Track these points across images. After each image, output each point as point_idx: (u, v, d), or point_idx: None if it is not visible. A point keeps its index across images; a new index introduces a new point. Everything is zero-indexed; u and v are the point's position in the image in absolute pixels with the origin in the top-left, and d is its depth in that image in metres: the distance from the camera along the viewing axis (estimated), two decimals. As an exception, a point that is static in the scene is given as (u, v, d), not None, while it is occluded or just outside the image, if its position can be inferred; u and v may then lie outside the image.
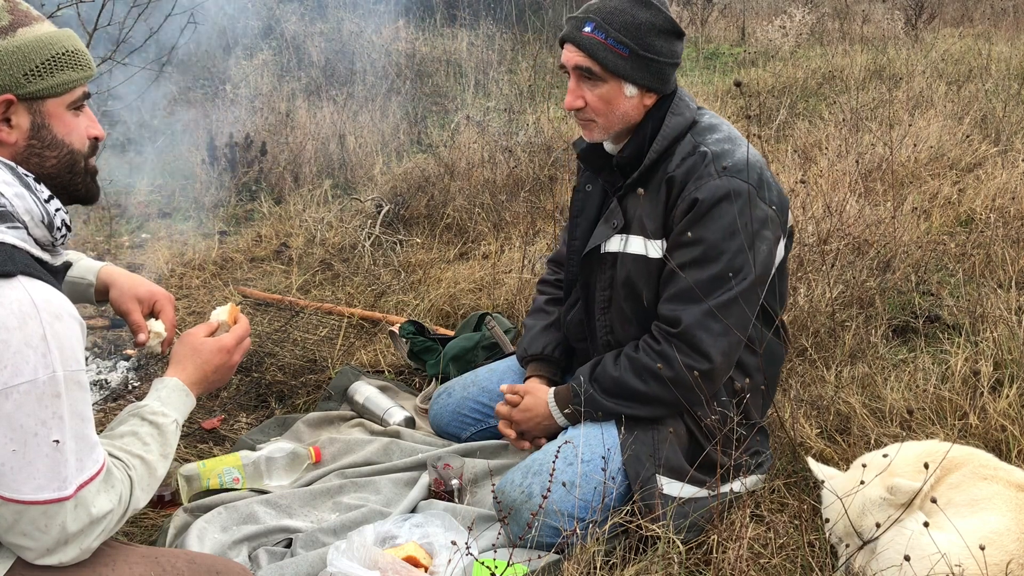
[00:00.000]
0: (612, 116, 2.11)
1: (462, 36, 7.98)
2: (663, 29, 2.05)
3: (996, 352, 2.70)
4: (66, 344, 1.34)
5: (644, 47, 2.04)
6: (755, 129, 5.56)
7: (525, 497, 2.02)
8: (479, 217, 4.31)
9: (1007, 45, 7.84)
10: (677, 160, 2.09)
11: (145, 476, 1.54)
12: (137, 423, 1.60)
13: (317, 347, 3.19)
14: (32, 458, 1.32)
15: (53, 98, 1.47)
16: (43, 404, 1.32)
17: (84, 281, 1.91)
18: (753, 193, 2.03)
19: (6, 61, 1.41)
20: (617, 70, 2.04)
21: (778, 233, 2.11)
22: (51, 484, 1.35)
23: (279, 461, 2.38)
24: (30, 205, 1.42)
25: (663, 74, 2.08)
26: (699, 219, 2.02)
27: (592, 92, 2.09)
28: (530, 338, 2.47)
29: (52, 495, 1.35)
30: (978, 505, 1.83)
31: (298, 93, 6.24)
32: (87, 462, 1.40)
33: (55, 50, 1.45)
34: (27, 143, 1.46)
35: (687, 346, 2.04)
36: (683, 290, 2.05)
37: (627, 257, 2.15)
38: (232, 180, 4.99)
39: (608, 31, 2.03)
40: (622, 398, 2.11)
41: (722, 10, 10.50)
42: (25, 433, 1.31)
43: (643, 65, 2.05)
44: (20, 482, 1.33)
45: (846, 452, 2.36)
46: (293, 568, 1.96)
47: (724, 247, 2.01)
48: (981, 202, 4.12)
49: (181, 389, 1.71)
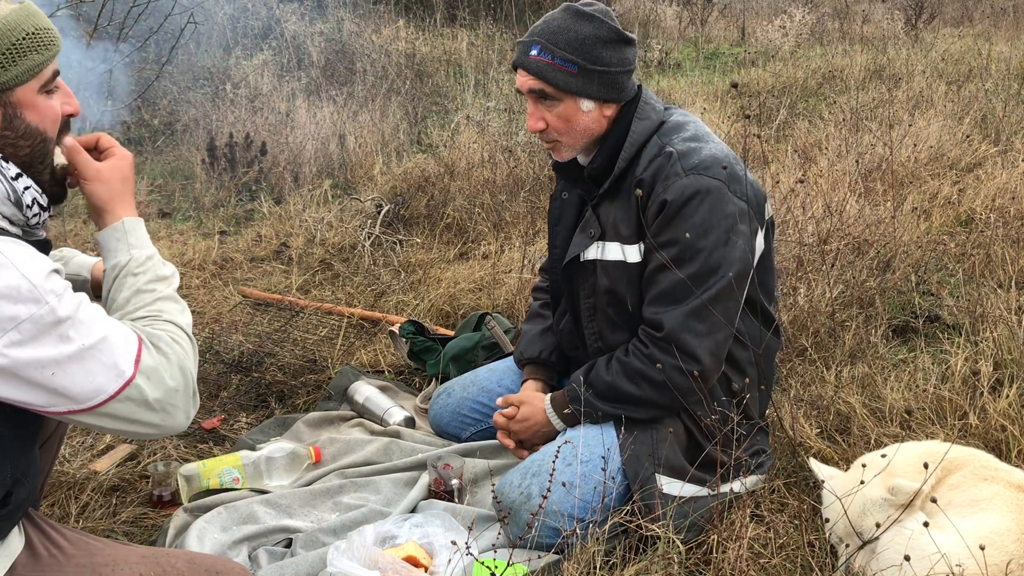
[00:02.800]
0: (574, 133, 2.11)
1: (462, 36, 7.98)
2: (608, 39, 2.05)
3: (996, 352, 2.70)
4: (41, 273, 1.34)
5: (592, 60, 2.03)
6: (755, 129, 5.56)
7: (524, 498, 2.02)
8: (479, 217, 4.31)
9: (1007, 45, 7.84)
10: (644, 163, 2.09)
11: (178, 312, 1.55)
12: (131, 281, 1.55)
13: (317, 347, 3.19)
14: (81, 368, 1.36)
15: (21, 86, 1.40)
16: (54, 329, 1.34)
17: (79, 278, 1.91)
18: (723, 188, 2.02)
19: None
20: (569, 88, 2.05)
21: (754, 226, 2.10)
22: (109, 377, 1.39)
23: (279, 461, 2.38)
24: None
25: (616, 83, 2.08)
26: (670, 220, 2.02)
27: (550, 112, 2.09)
28: (527, 342, 2.48)
29: (117, 384, 1.39)
30: (978, 505, 1.83)
31: (298, 93, 6.24)
32: (125, 343, 1.42)
33: (15, 36, 1.38)
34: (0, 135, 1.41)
35: (673, 348, 2.03)
36: (663, 292, 2.05)
37: (606, 264, 2.15)
38: (232, 180, 4.99)
39: (554, 51, 2.03)
40: (617, 401, 2.12)
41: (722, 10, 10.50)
42: (59, 357, 1.34)
43: (594, 78, 2.05)
44: (89, 393, 1.38)
45: (846, 452, 2.36)
46: (293, 568, 1.96)
47: (699, 245, 2.00)
48: (981, 202, 4.12)
49: (135, 223, 1.60)
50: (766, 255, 2.19)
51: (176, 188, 5.09)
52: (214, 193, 4.92)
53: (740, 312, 2.11)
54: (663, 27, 9.83)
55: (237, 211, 4.77)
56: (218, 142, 5.12)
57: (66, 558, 1.55)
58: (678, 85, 7.07)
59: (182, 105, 6.05)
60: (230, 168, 5.02)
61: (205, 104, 5.95)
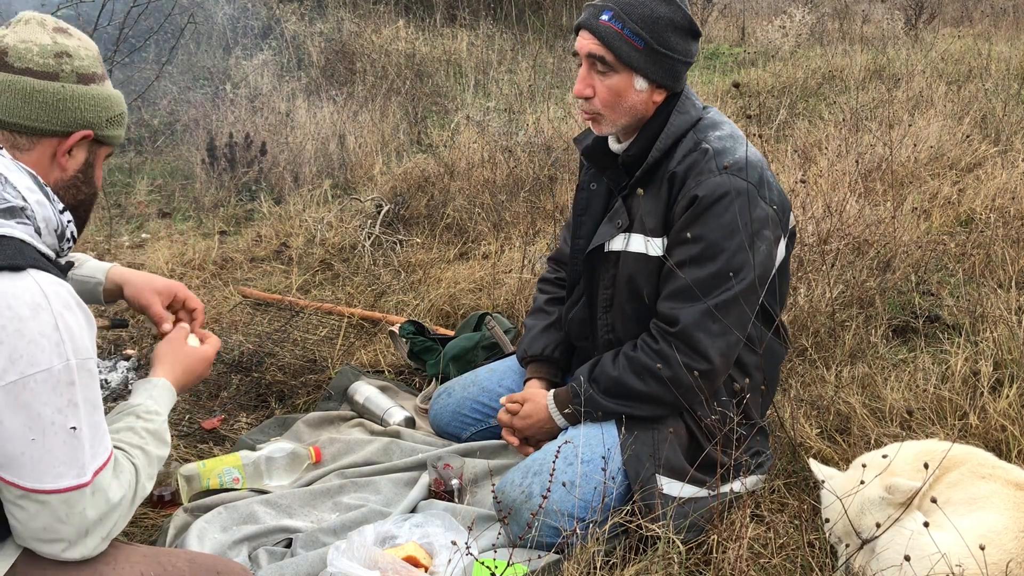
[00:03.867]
0: (620, 109, 2.09)
1: (462, 36, 7.98)
2: (680, 26, 2.04)
3: (996, 352, 2.70)
4: (76, 333, 1.39)
5: (660, 42, 2.03)
6: (755, 129, 5.55)
7: (525, 497, 2.02)
8: (479, 217, 4.31)
9: (1007, 45, 7.84)
10: (679, 156, 2.08)
11: (146, 465, 1.59)
12: (132, 420, 1.65)
13: (317, 347, 3.19)
14: (51, 446, 1.37)
15: (106, 147, 1.65)
16: (58, 392, 1.36)
17: (93, 279, 1.95)
18: (754, 192, 2.02)
19: (99, 104, 1.58)
20: (630, 61, 2.03)
21: (778, 233, 2.10)
22: (70, 471, 1.39)
23: (279, 461, 2.38)
24: (48, 214, 1.50)
25: (675, 71, 2.07)
26: (698, 216, 2.01)
27: (603, 82, 2.07)
28: (530, 339, 2.47)
29: (72, 482, 1.39)
30: (976, 504, 1.83)
31: (298, 93, 6.24)
32: (99, 448, 1.45)
33: (121, 108, 1.64)
34: (73, 176, 1.60)
35: (685, 345, 2.03)
36: (682, 288, 2.04)
37: (629, 256, 2.15)
38: (232, 180, 4.99)
39: (626, 21, 2.01)
40: (621, 398, 2.11)
41: (722, 10, 10.50)
42: (43, 422, 1.36)
43: (657, 59, 2.04)
44: (41, 471, 1.37)
45: (846, 452, 2.36)
46: (293, 568, 1.96)
47: (724, 245, 2.00)
48: (981, 202, 4.12)
49: (169, 389, 1.77)
50: (784, 264, 2.19)
51: (176, 188, 5.09)
52: (214, 193, 4.92)
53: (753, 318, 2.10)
54: (663, 27, 9.80)
55: (237, 211, 4.77)
56: (218, 142, 5.12)
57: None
58: (678, 85, 7.05)
59: (182, 105, 6.05)
60: (230, 168, 5.02)
61: (205, 104, 5.95)
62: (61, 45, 1.55)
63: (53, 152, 1.56)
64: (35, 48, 1.52)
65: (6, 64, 1.50)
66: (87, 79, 1.57)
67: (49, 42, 1.54)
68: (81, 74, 1.56)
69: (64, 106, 1.53)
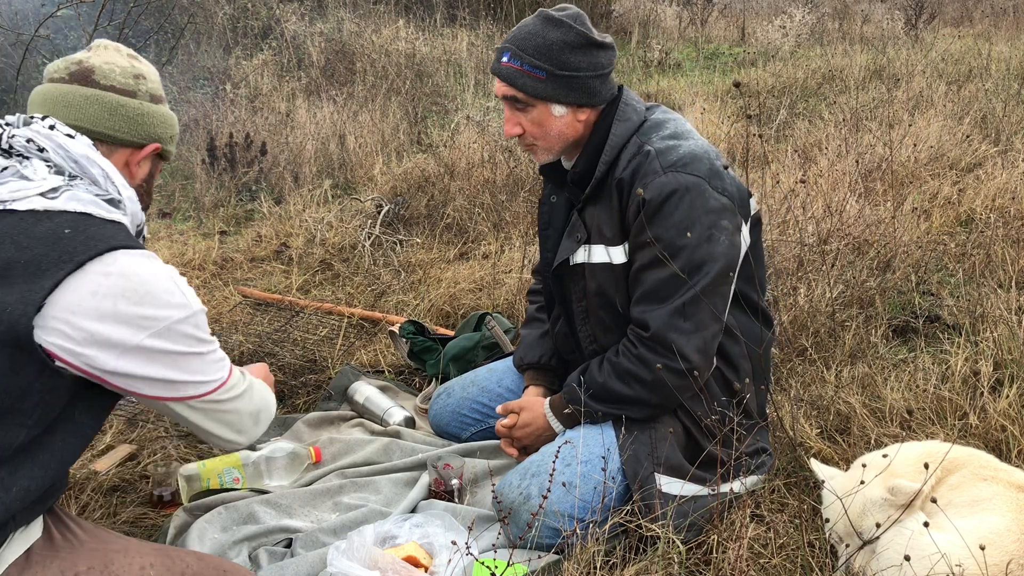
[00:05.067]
0: (549, 137, 2.12)
1: (462, 36, 7.98)
2: (577, 45, 2.04)
3: (996, 352, 2.70)
4: (189, 290, 1.62)
5: (560, 66, 2.03)
6: (755, 129, 5.56)
7: (523, 499, 2.02)
8: (479, 217, 4.31)
9: (1007, 45, 7.85)
10: (623, 163, 2.08)
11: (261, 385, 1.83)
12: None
13: (317, 347, 3.19)
14: (195, 368, 1.61)
15: (163, 161, 1.84)
16: (195, 328, 1.59)
17: None
18: (703, 185, 2.01)
19: (167, 122, 1.79)
20: (538, 93, 2.05)
21: (737, 221, 2.08)
22: (214, 377, 1.65)
23: (279, 461, 2.38)
24: (136, 209, 1.68)
25: (587, 88, 2.07)
26: (651, 218, 2.01)
27: (525, 118, 2.10)
28: (526, 347, 2.48)
29: (216, 383, 1.65)
30: (978, 505, 1.83)
31: (298, 93, 6.24)
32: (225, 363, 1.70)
33: (177, 128, 1.84)
34: (140, 184, 1.78)
35: (661, 347, 2.03)
36: (648, 291, 2.04)
37: (594, 267, 2.15)
38: (232, 180, 4.99)
39: (523, 57, 2.04)
40: (611, 402, 2.12)
41: (722, 10, 10.51)
42: (187, 353, 1.58)
43: (563, 83, 2.05)
44: (194, 386, 1.62)
45: (846, 452, 2.36)
46: (293, 568, 1.96)
47: (680, 243, 2.00)
48: (981, 202, 4.12)
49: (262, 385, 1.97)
50: (754, 249, 2.19)
51: (176, 188, 5.09)
52: (214, 193, 4.92)
53: (730, 307, 2.10)
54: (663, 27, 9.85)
55: (237, 211, 4.77)
56: (218, 142, 5.12)
57: (79, 543, 1.61)
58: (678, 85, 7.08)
59: (182, 105, 6.05)
60: (230, 168, 5.02)
61: (205, 104, 5.95)
62: (137, 68, 1.74)
63: (126, 161, 1.73)
64: (117, 69, 1.71)
65: (94, 81, 1.69)
66: (158, 99, 1.77)
67: (128, 65, 1.73)
68: (153, 95, 1.76)
69: (142, 121, 1.72)
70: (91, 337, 1.46)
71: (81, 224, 1.51)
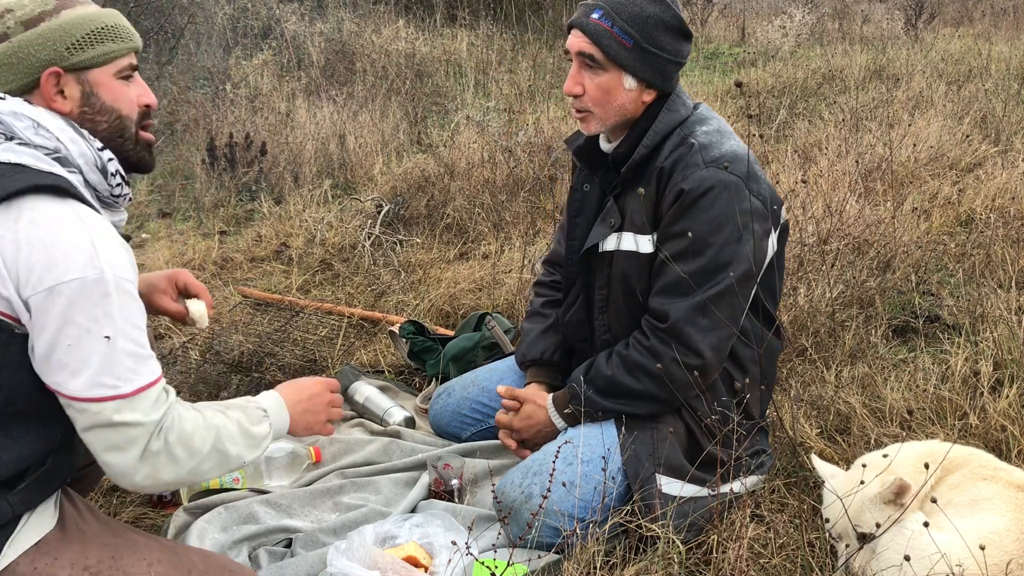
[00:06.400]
0: (609, 107, 2.09)
1: (462, 36, 7.98)
2: (670, 26, 2.05)
3: (996, 352, 2.70)
4: (112, 253, 1.44)
5: (649, 40, 2.03)
6: (755, 129, 5.56)
7: (525, 498, 2.02)
8: (479, 217, 4.31)
9: (1007, 45, 7.85)
10: (666, 152, 2.08)
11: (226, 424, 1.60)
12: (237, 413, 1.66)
13: (317, 347, 3.19)
14: (86, 354, 1.40)
15: (97, 68, 1.60)
16: (93, 302, 1.40)
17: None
18: (741, 185, 2.02)
19: (50, 38, 1.56)
20: (619, 60, 2.03)
21: (767, 227, 2.09)
22: (105, 381, 1.42)
23: (279, 461, 2.37)
24: (83, 150, 1.54)
25: (665, 71, 2.07)
26: (685, 210, 2.01)
27: (592, 80, 2.07)
28: (528, 343, 2.47)
29: (107, 392, 1.42)
30: (978, 505, 1.83)
31: (298, 93, 6.24)
32: (142, 369, 1.46)
33: (95, 25, 1.59)
34: (80, 110, 1.59)
35: (676, 341, 2.03)
36: (671, 283, 2.04)
37: (621, 254, 2.15)
38: (232, 180, 4.99)
39: (615, 20, 2.02)
40: (617, 396, 2.11)
41: (722, 10, 10.51)
42: (78, 328, 1.39)
43: (645, 58, 2.04)
44: (78, 379, 1.41)
45: (846, 452, 2.36)
46: (293, 568, 1.96)
47: (711, 240, 2.00)
48: (981, 202, 4.12)
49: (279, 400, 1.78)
50: (777, 258, 2.19)
51: (176, 188, 5.09)
52: (214, 193, 4.92)
53: (745, 311, 2.10)
54: (663, 27, 9.80)
55: (237, 211, 4.77)
56: (218, 142, 5.12)
57: (92, 535, 1.61)
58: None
59: (182, 105, 6.05)
60: (230, 168, 5.02)
61: (205, 104, 5.95)
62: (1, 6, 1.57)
63: (46, 104, 1.57)
64: None
65: None
66: (33, 22, 1.56)
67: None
68: (25, 20, 1.56)
69: (18, 58, 1.55)
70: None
71: (9, 171, 1.43)
